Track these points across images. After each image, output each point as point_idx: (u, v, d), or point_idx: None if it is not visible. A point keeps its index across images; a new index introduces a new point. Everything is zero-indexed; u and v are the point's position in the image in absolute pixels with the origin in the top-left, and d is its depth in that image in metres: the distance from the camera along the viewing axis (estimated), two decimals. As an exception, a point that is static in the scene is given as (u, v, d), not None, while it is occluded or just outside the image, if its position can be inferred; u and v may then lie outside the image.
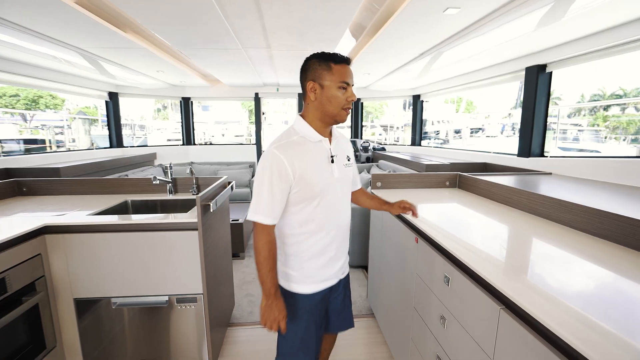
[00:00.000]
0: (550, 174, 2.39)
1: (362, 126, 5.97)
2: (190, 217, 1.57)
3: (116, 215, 1.68)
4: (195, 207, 1.68)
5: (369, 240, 3.04)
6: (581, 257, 1.05)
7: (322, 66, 1.04)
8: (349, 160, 1.21)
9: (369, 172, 4.38)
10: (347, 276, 1.30)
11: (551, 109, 2.67)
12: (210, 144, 9.14)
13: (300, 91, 4.27)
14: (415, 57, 3.05)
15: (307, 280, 1.13)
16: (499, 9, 1.99)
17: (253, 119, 4.95)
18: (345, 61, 1.06)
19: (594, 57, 2.28)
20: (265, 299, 1.06)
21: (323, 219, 1.10)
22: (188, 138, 5.42)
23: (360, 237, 3.04)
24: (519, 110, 2.81)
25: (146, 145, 5.47)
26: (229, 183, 2.15)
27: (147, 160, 4.87)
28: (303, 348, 1.18)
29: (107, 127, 4.76)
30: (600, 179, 2.07)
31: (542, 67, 2.60)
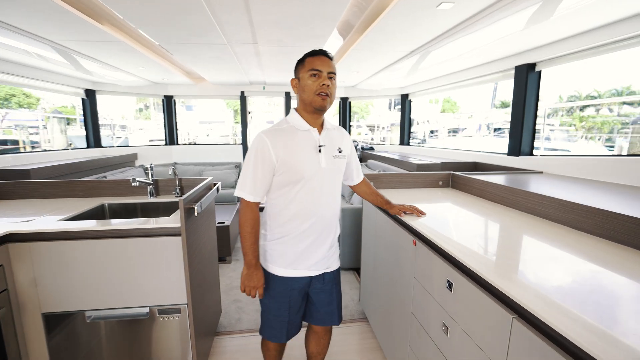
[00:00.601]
0: (542, 172, 2.39)
1: (350, 125, 5.92)
2: (173, 221, 1.45)
3: (91, 221, 1.54)
4: (179, 211, 1.57)
5: (360, 242, 2.99)
6: (589, 259, 1.01)
7: (300, 63, 1.17)
8: (340, 152, 1.24)
9: (358, 172, 4.32)
10: (335, 273, 1.33)
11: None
12: (195, 144, 8.92)
13: (287, 90, 4.21)
14: (405, 54, 3.01)
15: (282, 263, 1.21)
16: (491, 6, 1.96)
17: (238, 118, 4.82)
18: (318, 53, 1.14)
19: (583, 56, 2.29)
20: (247, 268, 1.18)
21: (303, 205, 1.16)
22: (171, 138, 5.23)
23: (352, 239, 2.97)
24: (494, 111, 2.80)
25: (127, 146, 5.25)
26: (215, 184, 2.04)
27: (128, 161, 4.65)
28: (277, 321, 1.28)
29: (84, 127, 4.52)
30: (591, 177, 2.07)
31: (532, 66, 2.60)
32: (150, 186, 1.98)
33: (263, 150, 1.10)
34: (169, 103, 5.11)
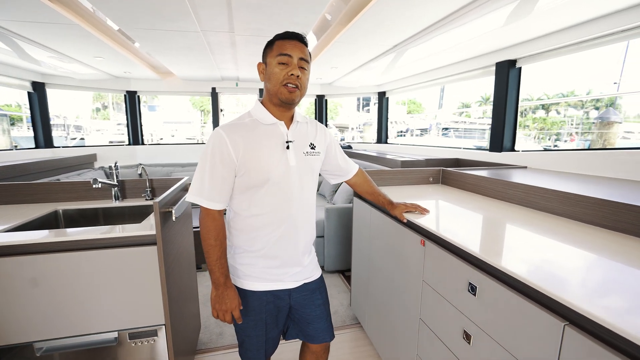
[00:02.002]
0: (526, 167, 2.41)
1: (327, 125, 5.81)
2: (145, 228, 1.23)
3: (41, 231, 1.27)
4: (151, 216, 1.35)
5: (347, 242, 2.87)
6: (610, 255, 0.94)
7: (269, 46, 1.01)
8: (312, 148, 1.09)
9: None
10: (319, 282, 1.17)
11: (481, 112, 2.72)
12: (161, 143, 8.36)
13: (261, 87, 3.95)
14: (388, 49, 2.94)
15: (253, 276, 1.05)
16: (472, 2, 1.95)
17: (206, 118, 4.50)
18: (290, 36, 0.99)
19: (562, 53, 2.34)
20: (215, 288, 1.00)
21: (272, 211, 1.01)
22: (135, 137, 4.80)
23: (337, 239, 2.85)
24: (443, 111, 2.82)
25: (84, 146, 4.76)
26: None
27: (86, 163, 4.20)
28: (253, 341, 1.10)
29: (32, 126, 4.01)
30: (574, 171, 2.10)
31: (513, 62, 2.63)
32: (115, 188, 1.72)
33: (221, 148, 0.94)
34: (132, 99, 4.69)
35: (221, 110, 5.02)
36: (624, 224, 1.10)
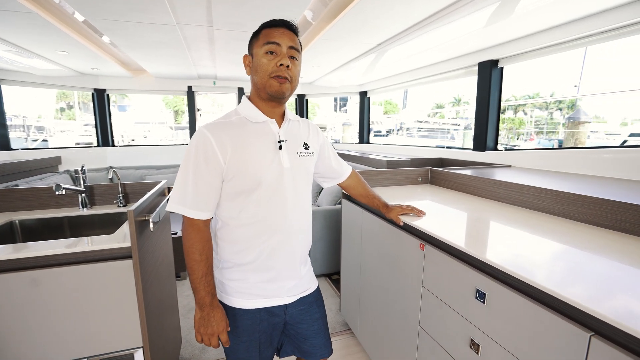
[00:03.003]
0: (510, 166, 2.43)
1: (308, 124, 5.71)
2: (118, 239, 1.10)
3: (-8, 246, 1.10)
4: (125, 225, 1.21)
5: (333, 245, 2.80)
6: (626, 260, 0.92)
7: (255, 36, 0.92)
8: (306, 148, 1.00)
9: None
10: (316, 294, 1.07)
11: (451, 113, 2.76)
12: (134, 144, 7.95)
13: (240, 85, 3.76)
14: (372, 47, 2.90)
15: (244, 292, 0.94)
16: (454, 3, 1.95)
17: (180, 119, 4.29)
18: (278, 24, 0.90)
19: (542, 54, 2.38)
20: (200, 309, 0.88)
21: (265, 219, 0.91)
22: (105, 138, 4.50)
23: (323, 242, 2.77)
24: (406, 112, 2.84)
25: (47, 148, 4.40)
26: (170, 189, 1.67)
27: (49, 166, 3.87)
28: None
29: (-15, 125, 3.64)
30: (558, 170, 2.14)
31: (495, 62, 2.66)
32: (83, 194, 1.55)
33: (206, 150, 0.84)
34: (100, 98, 4.39)
35: (198, 110, 4.82)
36: (626, 224, 1.09)
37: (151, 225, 1.11)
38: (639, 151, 1.70)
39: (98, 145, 4.49)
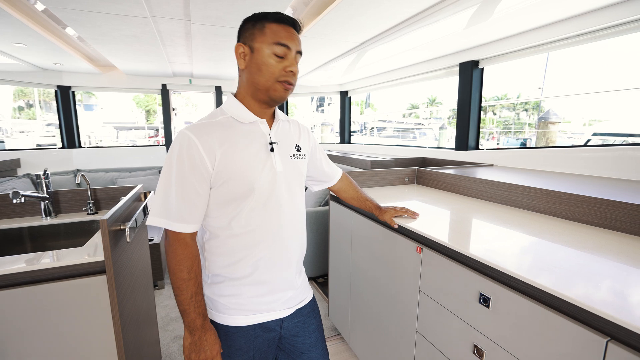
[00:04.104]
0: (492, 165, 2.48)
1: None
2: (88, 252, 0.98)
3: None
4: (97, 235, 1.09)
5: (319, 247, 2.74)
6: (611, 254, 0.93)
7: (255, 26, 0.81)
8: (298, 150, 0.93)
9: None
10: (312, 304, 1.00)
11: (427, 112, 2.81)
12: (103, 145, 7.51)
13: (218, 84, 3.62)
14: (355, 46, 2.86)
15: (238, 308, 0.85)
16: (436, 5, 1.96)
17: (152, 119, 4.08)
18: (286, 21, 0.81)
19: (521, 55, 2.44)
20: (190, 334, 0.79)
21: (258, 228, 0.83)
22: (71, 139, 4.18)
23: (308, 244, 2.70)
24: (367, 113, 2.87)
25: (3, 150, 4.04)
26: (146, 194, 1.55)
27: (6, 170, 3.54)
28: None
29: None
30: (539, 168, 2.20)
31: (476, 63, 2.70)
32: (46, 202, 1.39)
33: (191, 154, 0.75)
34: (65, 96, 4.08)
35: (173, 110, 4.60)
36: (616, 222, 1.10)
37: (127, 235, 1.00)
38: (610, 150, 1.77)
39: (63, 147, 4.18)
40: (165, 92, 4.46)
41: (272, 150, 0.84)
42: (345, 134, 5.09)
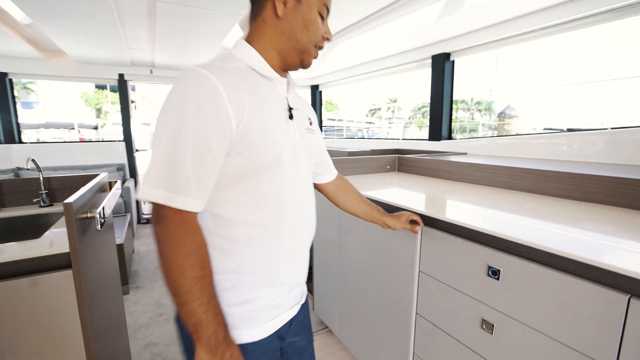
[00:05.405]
0: (466, 153, 2.56)
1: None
2: (46, 245, 0.82)
3: None
4: (53, 229, 0.93)
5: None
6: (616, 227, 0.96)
7: None
8: (311, 124, 0.80)
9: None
10: (305, 297, 0.84)
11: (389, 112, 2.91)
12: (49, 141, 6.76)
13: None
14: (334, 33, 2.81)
15: (254, 317, 0.66)
16: None
17: (105, 118, 3.73)
18: None
19: (489, 48, 2.54)
20: (209, 353, 0.56)
21: (286, 213, 0.66)
22: (9, 133, 3.69)
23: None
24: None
25: None
26: (111, 183, 1.37)
27: None
28: None
29: None
30: (504, 154, 2.30)
31: (447, 55, 2.78)
32: (-15, 193, 1.17)
33: (213, 102, 0.54)
34: (1, 84, 3.59)
35: (132, 102, 4.24)
36: (602, 195, 1.15)
37: (97, 221, 0.85)
38: (568, 135, 1.88)
39: (0, 142, 3.67)
40: (122, 83, 4.10)
41: (291, 117, 0.69)
42: (316, 129, 5.04)
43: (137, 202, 4.17)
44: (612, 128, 1.73)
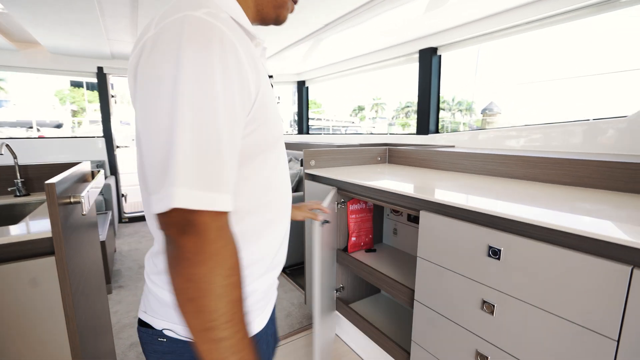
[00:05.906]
0: (454, 146, 2.59)
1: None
2: (25, 229, 0.76)
3: None
4: (28, 219, 0.87)
5: (292, 236, 2.61)
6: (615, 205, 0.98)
7: None
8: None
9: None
10: None
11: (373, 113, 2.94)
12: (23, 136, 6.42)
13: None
14: (312, 32, 2.79)
15: (255, 308, 0.60)
16: None
17: (80, 116, 3.58)
18: None
19: (476, 42, 2.59)
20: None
21: (284, 193, 0.61)
22: (-24, 129, 3.46)
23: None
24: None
25: None
26: (93, 173, 1.30)
27: None
28: None
29: None
30: (490, 147, 2.34)
31: (434, 50, 2.81)
32: (-47, 182, 1.08)
33: (239, 69, 0.42)
34: (-33, 76, 3.36)
35: (112, 97, 4.08)
36: (591, 180, 1.18)
37: (83, 206, 0.79)
38: (546, 128, 1.94)
39: (-34, 138, 3.45)
40: (102, 77, 3.94)
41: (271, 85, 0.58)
42: (303, 126, 5.01)
43: (119, 200, 4.01)
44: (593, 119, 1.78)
